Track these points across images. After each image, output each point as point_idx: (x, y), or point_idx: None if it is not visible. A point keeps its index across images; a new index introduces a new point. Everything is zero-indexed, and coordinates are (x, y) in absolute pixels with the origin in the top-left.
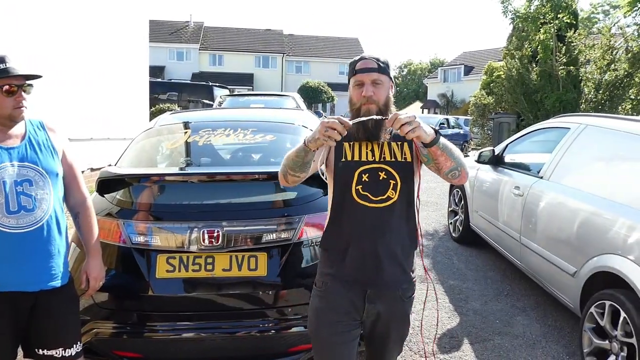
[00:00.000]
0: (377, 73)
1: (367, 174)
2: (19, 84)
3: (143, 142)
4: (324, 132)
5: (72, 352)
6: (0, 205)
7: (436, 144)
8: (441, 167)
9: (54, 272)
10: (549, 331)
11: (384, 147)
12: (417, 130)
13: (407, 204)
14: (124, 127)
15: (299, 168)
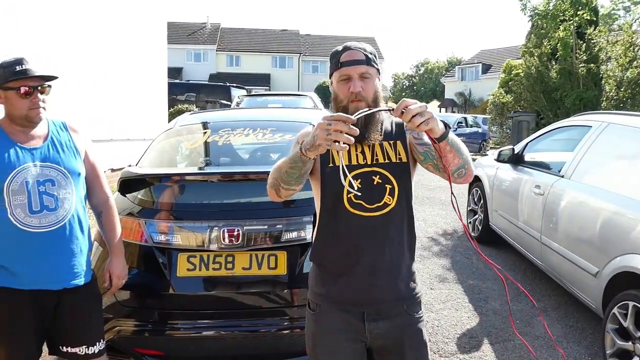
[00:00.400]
0: (365, 65)
1: (359, 180)
2: (35, 85)
3: (163, 142)
4: (327, 137)
5: (95, 349)
6: (23, 205)
7: (446, 139)
8: (448, 165)
9: (76, 271)
10: (570, 332)
11: (376, 148)
12: (431, 122)
13: (406, 210)
14: (143, 127)
15: (295, 180)
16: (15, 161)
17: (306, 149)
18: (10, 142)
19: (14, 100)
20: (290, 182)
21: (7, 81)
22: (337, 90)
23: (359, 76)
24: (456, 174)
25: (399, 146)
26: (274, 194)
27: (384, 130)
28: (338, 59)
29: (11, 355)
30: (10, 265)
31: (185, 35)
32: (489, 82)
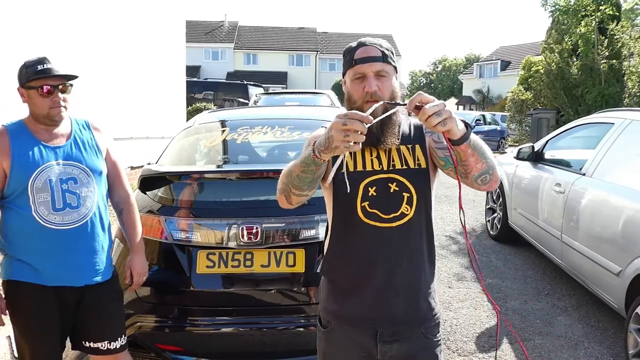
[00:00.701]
0: (382, 62)
1: (375, 187)
2: (55, 84)
3: (183, 140)
4: (344, 138)
5: (117, 344)
6: (47, 203)
7: (467, 141)
8: (470, 170)
9: (98, 268)
10: (591, 332)
11: (392, 153)
12: (449, 122)
13: (425, 220)
14: (162, 126)
15: (308, 185)
16: (39, 159)
17: (319, 151)
18: (35, 140)
19: (35, 99)
20: (302, 187)
21: (29, 80)
22: (351, 90)
23: (374, 74)
24: (479, 180)
25: (418, 150)
26: (284, 200)
27: (402, 134)
28: (352, 56)
29: (36, 349)
30: (34, 262)
31: (203, 34)
32: (507, 79)
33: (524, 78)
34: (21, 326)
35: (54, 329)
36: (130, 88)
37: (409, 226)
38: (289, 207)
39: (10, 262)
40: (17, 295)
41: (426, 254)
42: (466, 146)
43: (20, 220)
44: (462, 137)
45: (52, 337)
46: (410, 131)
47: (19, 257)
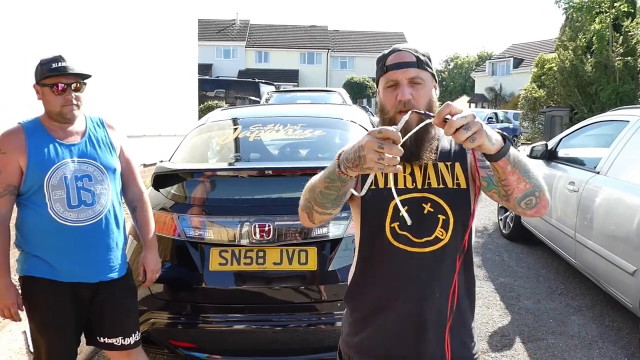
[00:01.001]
0: (416, 69)
1: (407, 207)
2: (69, 83)
3: (195, 138)
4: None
5: (131, 340)
6: (62, 200)
7: (505, 157)
8: (511, 192)
9: (112, 264)
10: (606, 332)
11: (429, 170)
12: (479, 137)
13: (462, 247)
14: (174, 124)
15: (332, 203)
16: (55, 157)
17: (346, 167)
18: (50, 138)
19: (49, 96)
20: (326, 205)
21: (44, 78)
22: (384, 99)
23: (408, 81)
24: (523, 204)
25: (458, 169)
26: (306, 218)
27: (441, 149)
28: (384, 63)
29: (51, 344)
30: (50, 258)
31: (215, 32)
32: (520, 77)
33: (537, 76)
34: (37, 321)
35: (69, 324)
36: (143, 86)
37: (444, 252)
38: (311, 225)
39: (26, 258)
40: (33, 291)
41: (462, 285)
42: (504, 162)
43: (36, 217)
44: (498, 152)
45: (67, 332)
46: (451, 147)
47: (35, 253)
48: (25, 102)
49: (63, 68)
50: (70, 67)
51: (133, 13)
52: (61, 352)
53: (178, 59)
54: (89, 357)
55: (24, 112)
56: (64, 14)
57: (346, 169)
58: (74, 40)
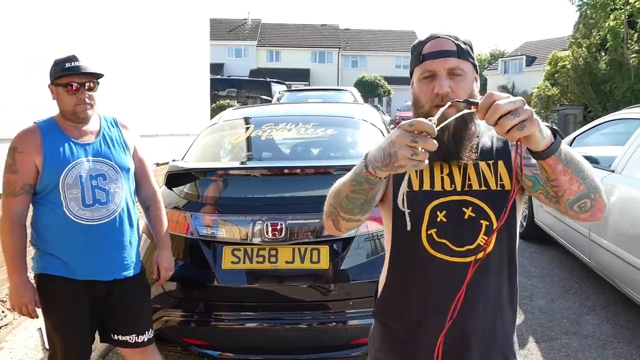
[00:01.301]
0: (457, 58)
1: (445, 211)
2: (81, 82)
3: (208, 137)
4: (411, 156)
5: (144, 338)
6: (77, 199)
7: (555, 154)
8: (562, 193)
9: (126, 263)
10: (620, 331)
11: (469, 170)
12: (529, 125)
13: (507, 255)
14: (187, 123)
15: (360, 208)
16: (70, 156)
17: (375, 167)
18: (65, 137)
19: (62, 95)
20: (353, 211)
21: (57, 77)
22: (418, 92)
23: (447, 73)
24: (576, 207)
25: (501, 168)
26: (332, 226)
27: (481, 147)
28: (420, 51)
29: (66, 340)
30: (65, 257)
31: (227, 32)
32: (533, 75)
33: (550, 73)
34: (53, 319)
35: (85, 321)
36: (156, 86)
37: (487, 262)
38: (338, 233)
39: (41, 256)
40: (49, 289)
41: (506, 297)
42: (555, 160)
43: (52, 216)
44: (548, 148)
45: (82, 330)
46: (492, 145)
47: (50, 251)
48: (25, 102)
49: (76, 68)
50: (83, 66)
51: (145, 13)
52: (76, 349)
53: (190, 58)
54: (103, 354)
55: (24, 112)
56: (77, 14)
57: (374, 170)
58: (87, 41)
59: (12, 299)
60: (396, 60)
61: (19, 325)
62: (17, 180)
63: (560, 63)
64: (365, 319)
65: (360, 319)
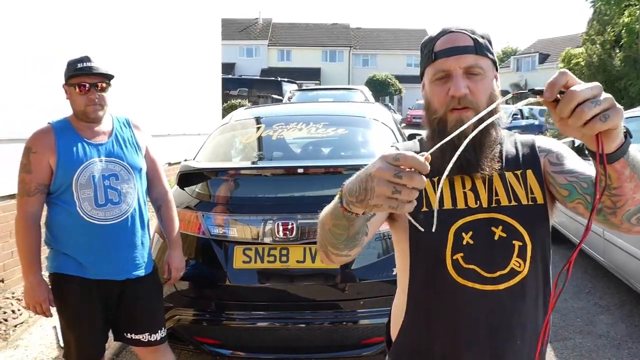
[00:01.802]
0: (474, 55)
1: (471, 232)
2: (92, 83)
3: (219, 137)
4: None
5: (157, 336)
6: (90, 199)
7: (624, 156)
8: (622, 203)
9: (138, 262)
10: (635, 331)
11: (495, 183)
12: (613, 115)
13: (543, 279)
14: (198, 123)
15: (344, 244)
16: (83, 156)
17: (349, 202)
18: (79, 137)
19: (74, 96)
20: (338, 246)
21: (69, 77)
22: (430, 95)
23: (463, 72)
24: (635, 219)
25: (531, 178)
26: (324, 257)
27: (506, 154)
28: (431, 48)
29: (80, 339)
30: (78, 256)
31: (238, 31)
32: (546, 73)
33: None
34: (67, 317)
35: (98, 320)
36: (168, 86)
37: (523, 289)
38: (333, 265)
39: (55, 255)
40: (63, 288)
41: (541, 325)
42: (623, 164)
43: (66, 216)
44: (619, 148)
45: (95, 329)
46: (518, 151)
47: (64, 250)
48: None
49: (88, 68)
50: (95, 67)
51: (157, 14)
52: (90, 347)
53: (202, 58)
54: (116, 352)
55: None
56: (89, 14)
57: (349, 205)
58: (100, 42)
59: (26, 297)
60: (407, 59)
61: (35, 324)
62: (31, 180)
63: (574, 60)
64: (377, 319)
65: (371, 318)
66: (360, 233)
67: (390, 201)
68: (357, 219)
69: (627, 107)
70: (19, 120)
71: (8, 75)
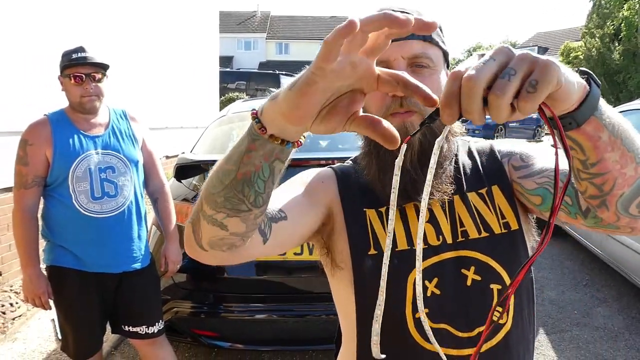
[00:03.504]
0: (421, 42)
1: (437, 279)
2: (87, 73)
3: (216, 129)
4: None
5: (154, 329)
6: (86, 191)
7: (595, 112)
8: (611, 185)
9: (135, 255)
10: (632, 323)
11: (457, 209)
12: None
13: (530, 327)
14: (196, 116)
15: (223, 195)
16: (80, 149)
17: (268, 107)
18: (75, 129)
19: (69, 86)
20: (216, 200)
21: (64, 68)
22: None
23: (407, 63)
24: (635, 206)
25: (499, 196)
26: (190, 235)
27: (464, 170)
28: None
29: (77, 331)
30: (75, 249)
31: (236, 24)
32: None
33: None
34: (64, 310)
35: (95, 313)
36: (165, 79)
37: (507, 346)
38: (199, 254)
39: (52, 248)
40: (60, 281)
41: None
42: (597, 125)
43: (62, 209)
44: (583, 102)
45: (93, 321)
46: (477, 164)
47: (61, 243)
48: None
49: (83, 58)
50: (90, 57)
51: (155, 6)
52: (87, 339)
53: (199, 51)
54: (115, 345)
55: (21, 105)
56: (86, 8)
57: (263, 111)
58: (98, 35)
59: (25, 290)
60: None
61: (33, 317)
62: (28, 172)
63: (573, 54)
64: None
65: None
66: (251, 183)
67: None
68: (264, 141)
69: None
70: (16, 113)
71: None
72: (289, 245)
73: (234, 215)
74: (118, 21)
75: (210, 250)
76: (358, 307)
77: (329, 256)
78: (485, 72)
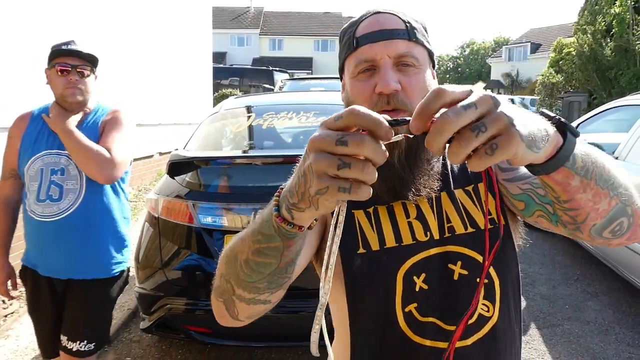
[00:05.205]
0: (407, 41)
1: (424, 274)
2: (73, 64)
3: (209, 126)
4: (339, 171)
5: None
6: (34, 193)
7: (566, 164)
8: (584, 218)
9: (81, 265)
10: (622, 317)
11: (444, 206)
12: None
13: (515, 320)
14: (189, 112)
15: (269, 282)
16: (39, 147)
17: (290, 208)
18: (43, 125)
19: (54, 78)
20: (257, 286)
21: (51, 59)
22: (352, 94)
23: (393, 62)
24: (607, 233)
25: (484, 193)
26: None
27: (451, 167)
28: (352, 33)
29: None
30: (30, 250)
31: (229, 20)
32: (537, 62)
33: (554, 61)
34: (28, 308)
35: (49, 312)
36: (158, 75)
37: (494, 338)
38: (233, 323)
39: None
40: (22, 279)
41: None
42: (567, 174)
43: (23, 207)
44: (553, 156)
45: (47, 318)
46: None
47: (26, 243)
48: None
49: (71, 50)
50: (78, 49)
51: (148, 2)
52: (43, 332)
53: (193, 47)
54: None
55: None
56: (80, 4)
57: (290, 210)
58: (90, 31)
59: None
60: None
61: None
62: (5, 164)
63: (565, 50)
64: None
65: None
66: (292, 263)
67: (338, 182)
68: (298, 235)
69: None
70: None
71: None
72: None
73: (278, 289)
74: (111, 17)
75: (247, 320)
76: (349, 305)
77: (319, 259)
78: (462, 120)
